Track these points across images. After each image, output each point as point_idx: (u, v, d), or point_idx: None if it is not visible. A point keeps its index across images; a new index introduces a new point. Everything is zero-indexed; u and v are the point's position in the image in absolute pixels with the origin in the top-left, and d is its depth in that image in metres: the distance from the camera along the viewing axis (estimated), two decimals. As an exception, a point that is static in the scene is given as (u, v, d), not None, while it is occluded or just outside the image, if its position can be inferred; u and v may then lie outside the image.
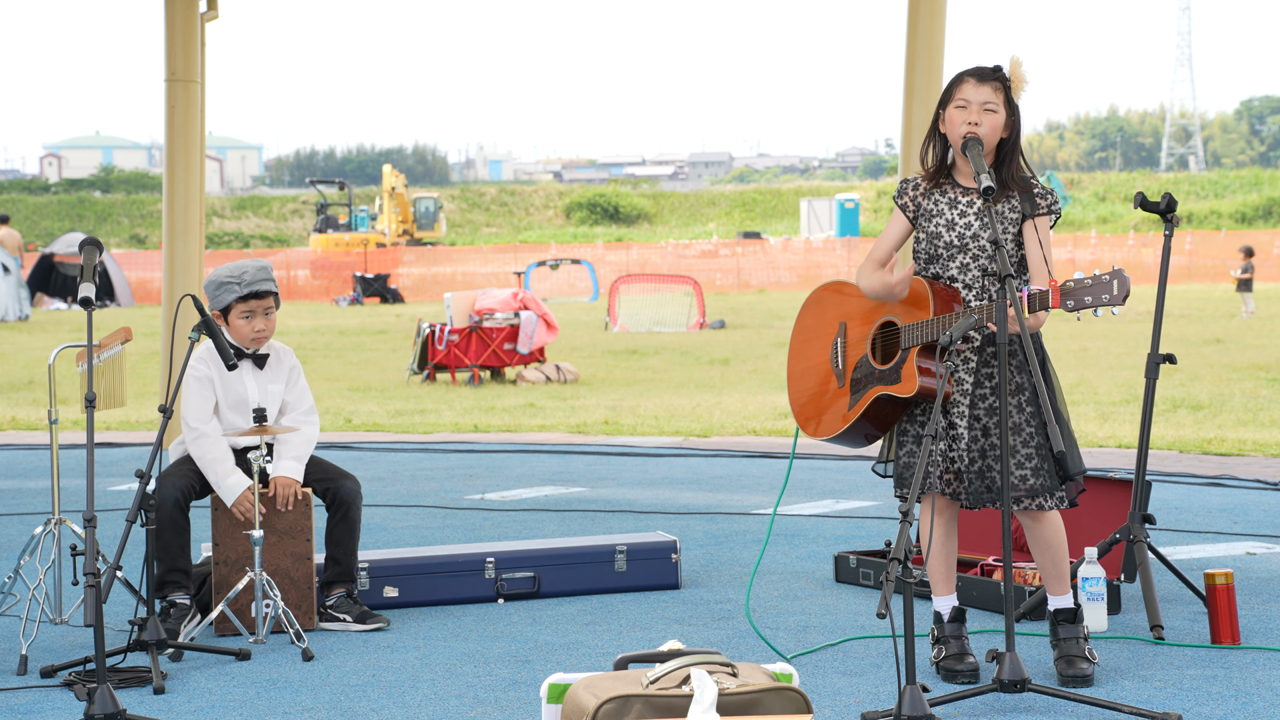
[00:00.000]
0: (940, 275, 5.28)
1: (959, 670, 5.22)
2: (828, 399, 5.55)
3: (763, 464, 10.58)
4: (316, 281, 40.40)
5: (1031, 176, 5.30)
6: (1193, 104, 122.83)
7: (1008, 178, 5.25)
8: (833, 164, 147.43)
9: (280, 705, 5.12)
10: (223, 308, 6.19)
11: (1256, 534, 7.73)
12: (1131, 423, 11.98)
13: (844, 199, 56.14)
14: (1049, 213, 5.22)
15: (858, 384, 5.42)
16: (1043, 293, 4.93)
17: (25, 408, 14.98)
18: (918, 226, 5.34)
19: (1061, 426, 5.16)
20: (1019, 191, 5.23)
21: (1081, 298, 4.84)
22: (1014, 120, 5.25)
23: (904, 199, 5.38)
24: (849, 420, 5.44)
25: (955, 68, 5.43)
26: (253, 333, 6.21)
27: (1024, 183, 5.25)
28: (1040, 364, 5.20)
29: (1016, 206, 5.23)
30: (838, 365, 5.52)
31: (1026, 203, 5.20)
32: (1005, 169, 5.25)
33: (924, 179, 5.37)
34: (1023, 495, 5.21)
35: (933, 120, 5.33)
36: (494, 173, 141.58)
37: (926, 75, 10.26)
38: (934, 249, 5.29)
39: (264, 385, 6.28)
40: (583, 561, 6.72)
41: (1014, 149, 5.26)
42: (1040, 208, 5.21)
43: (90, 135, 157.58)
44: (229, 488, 6.05)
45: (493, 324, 17.39)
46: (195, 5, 11.19)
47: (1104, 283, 4.80)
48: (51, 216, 66.89)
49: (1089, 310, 4.90)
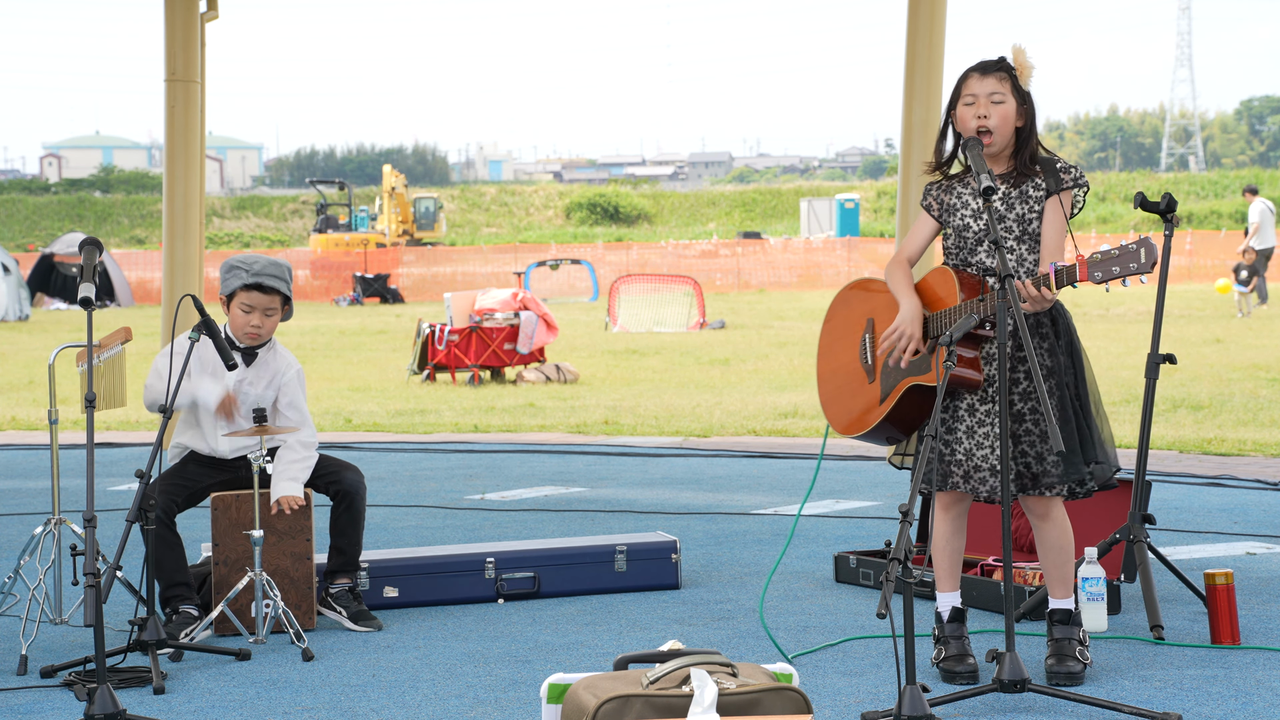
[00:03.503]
0: (969, 264, 5.31)
1: (958, 671, 5.22)
2: (859, 395, 5.57)
3: (763, 464, 10.58)
4: (316, 281, 40.39)
5: (1055, 156, 5.31)
6: (1193, 104, 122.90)
7: (1025, 163, 5.27)
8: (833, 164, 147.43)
9: (280, 705, 5.12)
10: (228, 293, 6.17)
11: (1256, 534, 7.73)
12: (1131, 423, 11.98)
13: (844, 199, 56.12)
14: (1074, 185, 5.24)
15: (888, 377, 5.43)
16: (1069, 268, 4.93)
17: (25, 408, 14.99)
18: (944, 223, 5.37)
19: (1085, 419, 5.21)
20: (1043, 170, 5.25)
21: (1110, 268, 4.82)
22: (1026, 107, 5.27)
23: (927, 199, 5.44)
24: (881, 414, 5.45)
25: (955, 67, 5.46)
26: (249, 326, 6.17)
27: (1047, 162, 5.27)
28: (1069, 350, 5.24)
29: (1041, 184, 5.25)
30: (866, 361, 5.55)
31: (1050, 178, 5.22)
32: (1024, 154, 5.27)
33: (943, 177, 5.40)
34: (1054, 481, 5.21)
35: (944, 120, 5.35)
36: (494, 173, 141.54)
37: (926, 75, 10.27)
38: (962, 240, 5.32)
39: (241, 385, 6.20)
40: (583, 561, 6.72)
41: (1030, 134, 5.28)
42: (1065, 182, 5.23)
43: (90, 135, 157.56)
44: (205, 393, 6.06)
45: (493, 324, 17.39)
46: (195, 5, 11.20)
47: (1131, 251, 4.79)
48: (51, 216, 66.88)
49: (1118, 280, 4.88)
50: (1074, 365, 5.27)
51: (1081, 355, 5.30)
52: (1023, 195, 5.25)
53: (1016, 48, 5.27)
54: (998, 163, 5.31)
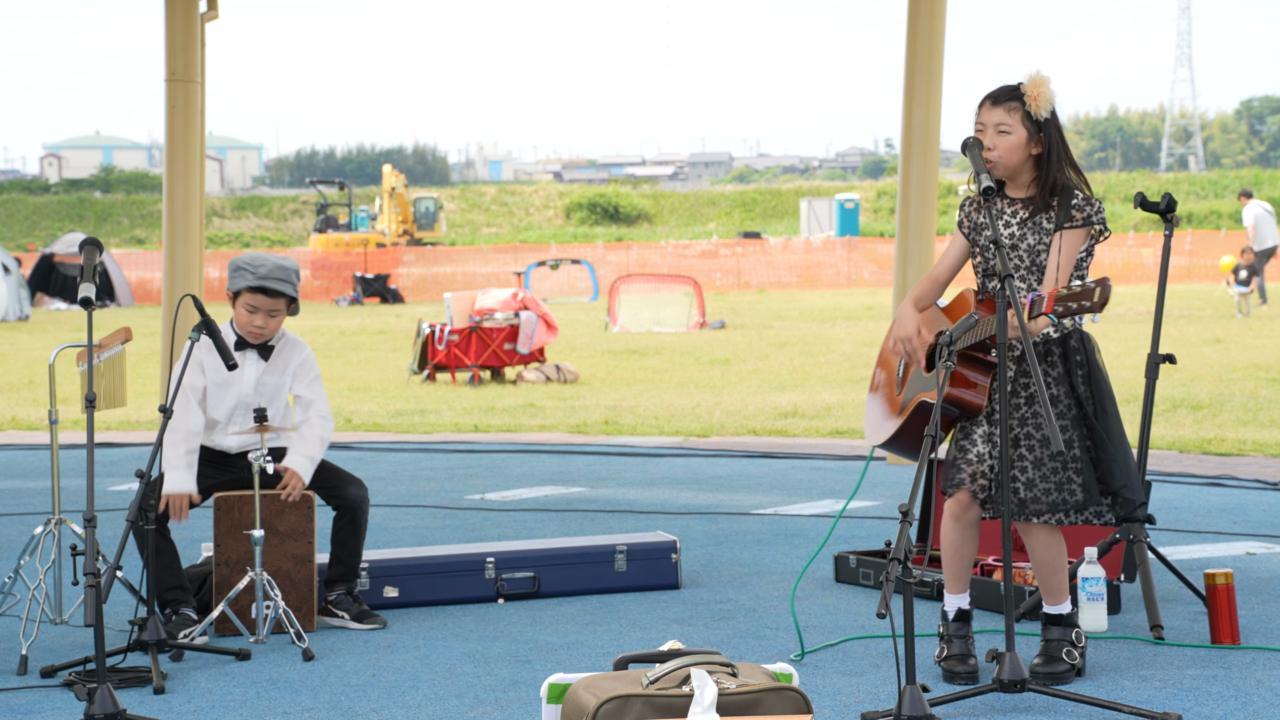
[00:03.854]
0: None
1: (958, 671, 5.23)
2: (888, 407, 5.71)
3: (763, 464, 10.58)
4: (317, 282, 40.39)
5: (1079, 186, 5.27)
6: (1193, 104, 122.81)
7: (1046, 191, 5.24)
8: (833, 164, 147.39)
9: (280, 705, 5.12)
10: (233, 291, 6.19)
11: (1256, 534, 7.73)
12: (1131, 423, 11.97)
13: (844, 199, 56.10)
14: (1084, 224, 5.21)
15: (910, 391, 5.54)
16: (1041, 299, 4.97)
17: (25, 408, 14.99)
18: (974, 241, 5.37)
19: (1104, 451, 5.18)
20: (1059, 204, 5.24)
21: (1069, 304, 4.90)
22: (1045, 135, 5.25)
23: (960, 215, 5.45)
24: (895, 426, 5.57)
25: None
26: (251, 326, 6.20)
27: (1066, 193, 5.24)
28: (1087, 379, 5.22)
29: (1053, 217, 5.25)
30: (900, 374, 5.68)
31: (1061, 212, 5.22)
32: (1045, 183, 5.25)
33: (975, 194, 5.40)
34: (1044, 509, 5.20)
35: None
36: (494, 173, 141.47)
37: (926, 75, 10.27)
38: (986, 260, 5.33)
39: (262, 378, 6.26)
40: (583, 561, 6.72)
41: (1050, 162, 5.25)
42: (1075, 220, 5.20)
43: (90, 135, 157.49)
44: (174, 480, 6.04)
45: (493, 324, 17.39)
46: (195, 5, 11.19)
47: (1089, 290, 4.86)
48: (51, 216, 66.88)
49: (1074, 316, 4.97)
50: (1093, 394, 5.23)
51: (1102, 383, 5.25)
52: (1036, 226, 5.25)
53: (1035, 77, 5.24)
54: (1019, 187, 5.31)
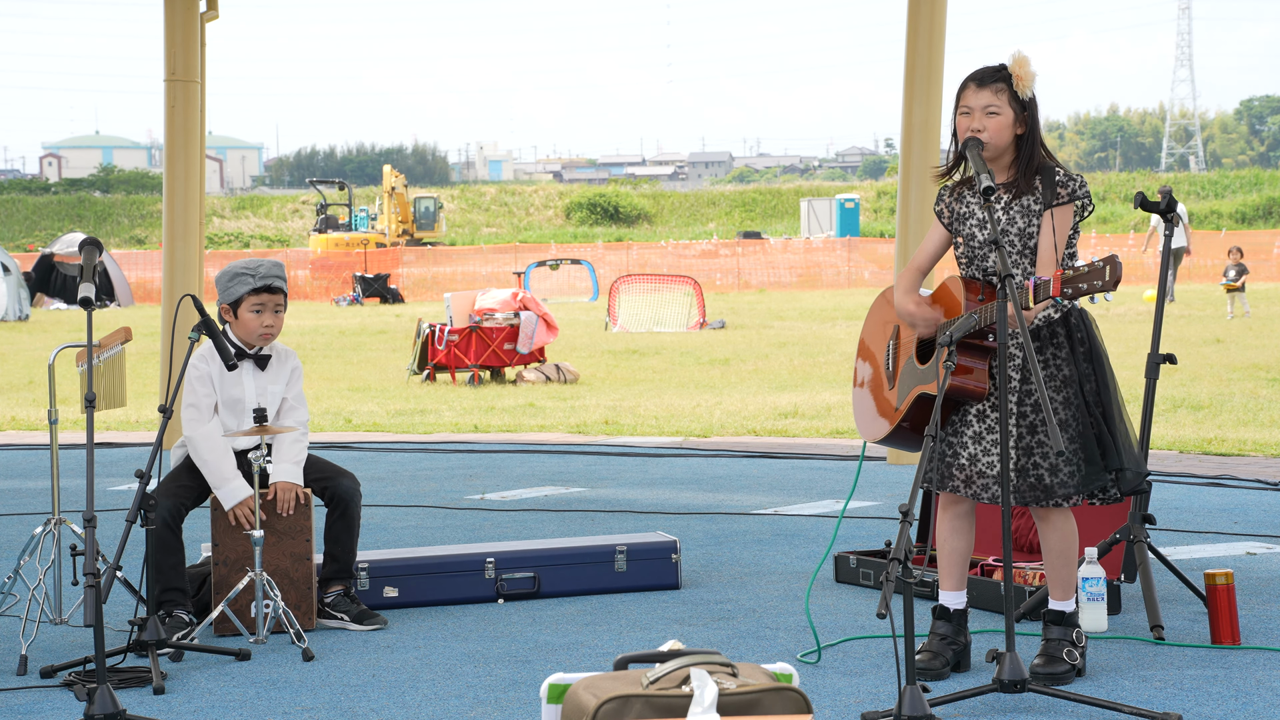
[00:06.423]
0: (979, 274, 5.32)
1: (925, 668, 5.23)
2: (881, 402, 5.66)
3: (763, 464, 10.58)
4: (316, 281, 40.40)
5: (1057, 166, 5.29)
6: (1193, 104, 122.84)
7: (1027, 173, 5.25)
8: (833, 164, 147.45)
9: (280, 705, 5.12)
10: (234, 300, 6.18)
11: (1256, 534, 7.73)
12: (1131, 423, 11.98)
13: (844, 199, 56.16)
14: (1070, 200, 5.22)
15: (904, 385, 5.49)
16: (1046, 282, 4.96)
17: (25, 408, 14.98)
18: (954, 231, 5.37)
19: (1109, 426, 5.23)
20: (1042, 183, 5.24)
21: (1078, 285, 4.89)
22: (1026, 115, 5.26)
23: (939, 205, 5.43)
24: (895, 420, 5.52)
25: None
26: (261, 328, 6.19)
27: (1047, 172, 5.25)
28: (1089, 355, 5.23)
29: (1040, 198, 5.24)
30: (889, 368, 5.63)
31: (1047, 191, 5.22)
32: (1026, 164, 5.26)
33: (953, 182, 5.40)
34: (1071, 492, 5.21)
35: (952, 127, 5.36)
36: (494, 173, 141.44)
37: (926, 75, 10.26)
38: (970, 250, 5.33)
39: (264, 386, 6.26)
40: (583, 561, 6.72)
41: (1031, 143, 5.26)
42: (1060, 197, 5.21)
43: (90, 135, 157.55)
44: (230, 492, 6.03)
45: (493, 324, 17.39)
46: (195, 5, 11.20)
47: (1098, 269, 4.85)
48: (51, 216, 66.88)
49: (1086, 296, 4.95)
50: (1095, 371, 5.25)
51: (1103, 360, 5.28)
52: (1024, 209, 5.25)
53: (1018, 58, 5.25)
54: (999, 170, 5.31)
